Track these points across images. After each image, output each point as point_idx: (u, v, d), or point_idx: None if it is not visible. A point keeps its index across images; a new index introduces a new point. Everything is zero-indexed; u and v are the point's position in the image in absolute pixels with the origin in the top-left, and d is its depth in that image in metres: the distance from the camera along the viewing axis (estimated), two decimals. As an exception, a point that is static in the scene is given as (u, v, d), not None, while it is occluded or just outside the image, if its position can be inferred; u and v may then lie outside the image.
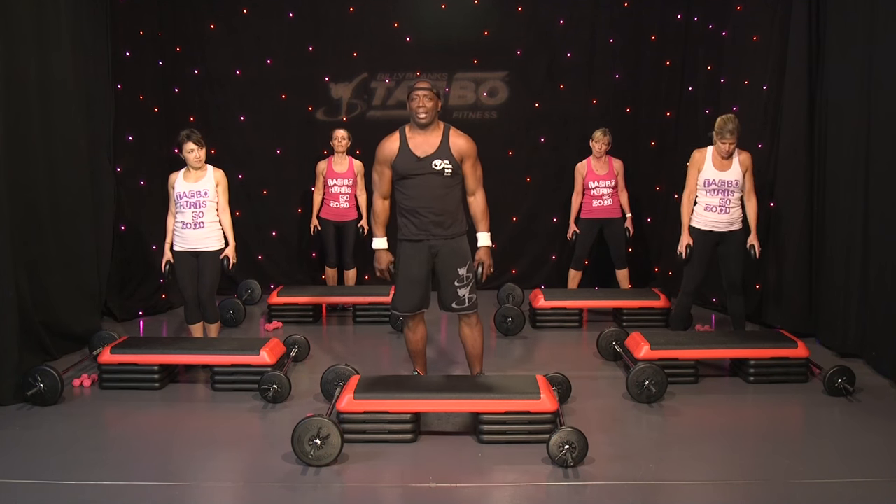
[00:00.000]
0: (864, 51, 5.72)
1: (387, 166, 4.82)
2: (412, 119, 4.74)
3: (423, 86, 4.73)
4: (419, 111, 4.68)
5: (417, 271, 4.84)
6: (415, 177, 4.73)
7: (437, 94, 4.74)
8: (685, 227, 5.97)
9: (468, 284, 4.86)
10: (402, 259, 4.88)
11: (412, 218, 4.79)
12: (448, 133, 4.77)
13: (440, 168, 4.69)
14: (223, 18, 8.21)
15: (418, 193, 4.74)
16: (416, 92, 4.71)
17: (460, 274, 4.82)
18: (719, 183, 5.82)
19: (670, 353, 5.39)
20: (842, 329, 6.01)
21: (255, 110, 8.34)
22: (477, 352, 5.04)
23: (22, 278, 5.41)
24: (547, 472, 4.06)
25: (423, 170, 4.71)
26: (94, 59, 6.77)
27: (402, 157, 4.74)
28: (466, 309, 4.89)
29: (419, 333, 5.05)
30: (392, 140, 4.81)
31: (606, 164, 7.39)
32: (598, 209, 7.39)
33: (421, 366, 5.17)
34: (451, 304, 4.88)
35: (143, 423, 4.81)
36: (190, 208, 5.66)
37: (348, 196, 7.56)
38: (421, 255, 4.82)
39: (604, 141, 7.31)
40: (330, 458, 4.09)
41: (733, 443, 4.49)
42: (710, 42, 7.77)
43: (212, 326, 5.90)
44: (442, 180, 4.72)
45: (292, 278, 8.34)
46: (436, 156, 4.70)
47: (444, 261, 4.82)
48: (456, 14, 8.33)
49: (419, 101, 4.68)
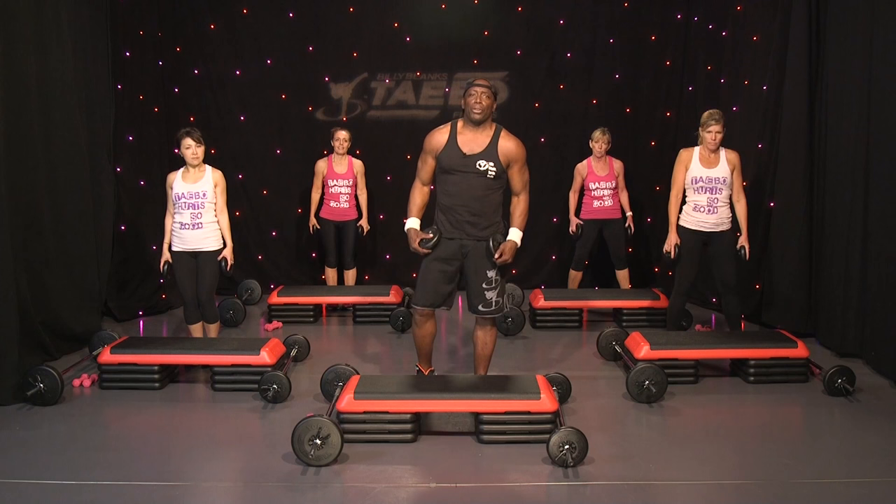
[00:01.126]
0: (864, 51, 5.72)
1: (431, 156, 4.77)
2: (466, 115, 4.69)
3: (482, 83, 4.68)
4: (475, 108, 4.62)
5: (446, 269, 4.80)
6: (457, 173, 4.68)
7: (494, 94, 4.69)
8: (672, 226, 5.97)
9: (496, 287, 4.81)
10: (434, 254, 4.80)
11: (448, 215, 4.75)
12: (499, 135, 4.72)
13: (484, 169, 4.65)
14: (223, 18, 8.22)
15: (458, 191, 4.70)
16: (475, 88, 4.64)
17: (489, 276, 4.78)
18: (706, 180, 5.81)
19: (670, 353, 5.39)
20: (841, 329, 6.01)
21: (255, 110, 8.34)
22: (486, 353, 5.01)
23: (22, 278, 5.41)
24: (547, 472, 4.06)
25: (467, 168, 4.66)
26: (94, 59, 6.77)
27: (448, 151, 4.69)
28: (492, 313, 4.84)
29: (425, 330, 4.99)
30: (442, 132, 4.77)
31: (607, 164, 7.40)
32: (598, 210, 7.40)
33: (424, 362, 5.13)
34: (478, 307, 4.84)
35: (143, 423, 4.81)
36: (188, 209, 5.66)
37: (348, 196, 7.56)
38: (452, 253, 4.78)
39: (603, 140, 7.31)
40: (330, 458, 4.09)
41: (733, 443, 4.49)
42: (710, 42, 7.78)
43: (211, 326, 5.90)
44: (484, 182, 4.68)
45: (292, 278, 8.34)
46: (482, 156, 4.66)
47: (475, 262, 4.77)
48: (456, 14, 8.33)
49: (477, 98, 4.62)
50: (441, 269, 4.81)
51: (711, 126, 5.74)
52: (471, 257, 4.78)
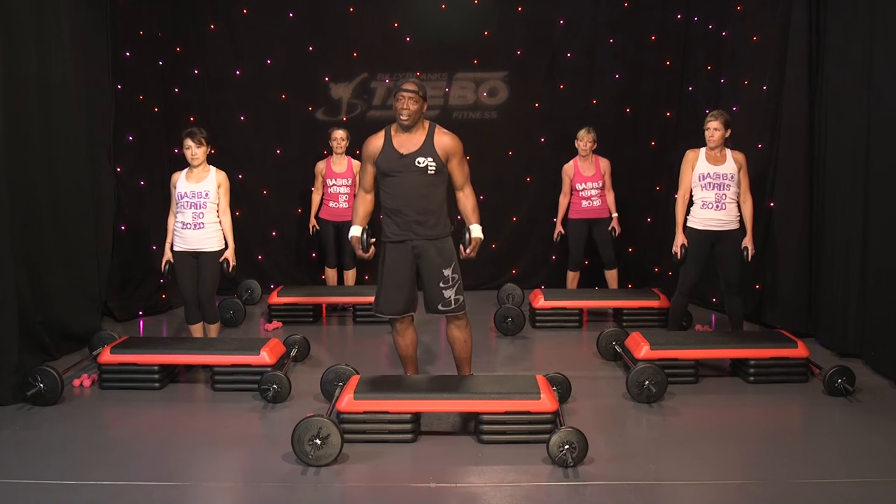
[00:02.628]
0: (864, 51, 5.71)
1: (370, 163, 4.80)
2: (396, 120, 4.71)
3: (409, 87, 4.65)
4: (402, 113, 4.63)
5: (401, 273, 4.79)
6: (397, 174, 4.68)
7: (422, 97, 4.67)
8: (679, 227, 5.95)
9: (454, 286, 4.80)
10: (386, 261, 4.81)
11: (395, 218, 4.74)
12: (433, 131, 4.72)
13: (423, 165, 4.65)
14: (223, 18, 8.22)
15: (401, 192, 4.69)
16: (401, 93, 4.64)
17: (445, 275, 4.76)
18: (714, 176, 5.80)
19: (670, 353, 5.39)
20: (841, 329, 6.01)
21: (255, 110, 8.34)
22: (465, 354, 4.99)
23: (22, 278, 5.41)
24: (547, 472, 4.06)
25: (406, 167, 4.66)
26: (94, 59, 6.77)
27: (385, 154, 4.70)
28: (453, 311, 4.84)
29: (409, 338, 4.98)
30: (377, 137, 4.80)
31: (593, 164, 7.39)
32: (586, 209, 7.41)
33: (412, 371, 5.11)
34: (437, 306, 4.82)
35: (143, 423, 4.81)
36: (190, 209, 5.66)
37: (347, 196, 7.55)
38: (404, 256, 4.77)
39: (588, 139, 7.31)
40: (330, 458, 4.09)
41: (733, 443, 4.49)
42: (710, 42, 7.77)
43: (212, 327, 5.89)
44: (425, 178, 4.67)
45: (292, 278, 8.34)
46: (419, 153, 4.66)
47: (429, 262, 4.76)
48: (456, 14, 8.33)
49: (403, 103, 4.63)
50: (398, 273, 4.79)
51: (709, 122, 5.76)
52: (424, 258, 4.77)
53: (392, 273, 4.80)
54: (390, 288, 4.81)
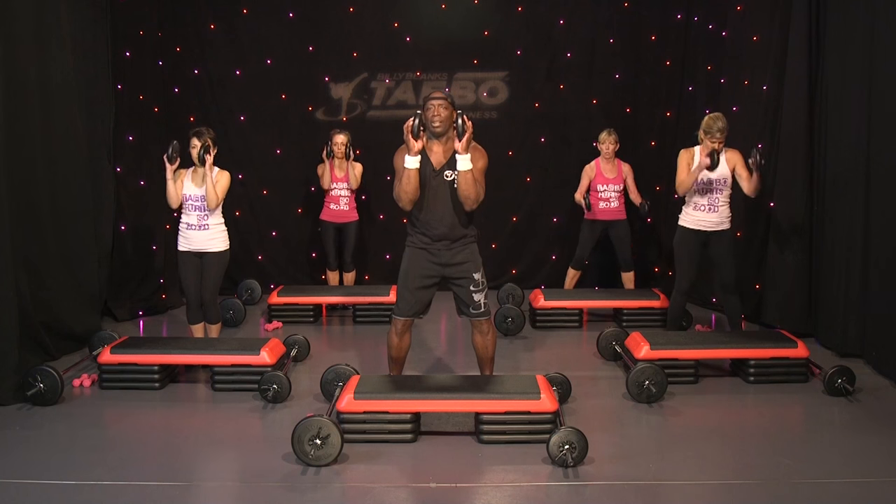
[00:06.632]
0: (864, 51, 5.72)
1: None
2: (428, 128, 4.72)
3: (438, 95, 4.73)
4: (434, 120, 4.66)
5: (423, 278, 4.82)
6: (429, 187, 4.72)
7: (451, 104, 4.73)
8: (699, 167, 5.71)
9: (483, 289, 4.86)
10: (410, 263, 4.83)
11: (426, 230, 4.77)
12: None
13: (451, 179, 4.70)
14: (223, 18, 8.22)
15: (432, 205, 4.73)
16: (431, 101, 4.69)
17: (476, 279, 4.82)
18: (707, 182, 5.81)
19: (670, 353, 5.39)
20: (842, 329, 6.01)
21: (255, 110, 8.34)
22: (488, 355, 5.01)
23: (22, 278, 5.41)
24: (547, 472, 4.06)
25: (438, 181, 4.71)
26: (94, 59, 6.77)
27: (421, 168, 4.71)
28: (482, 314, 4.88)
29: (405, 341, 4.99)
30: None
31: (615, 167, 7.38)
32: (603, 211, 7.38)
33: (397, 373, 5.09)
34: (469, 310, 4.87)
35: (143, 423, 4.81)
36: (195, 211, 5.69)
37: (348, 199, 7.56)
38: (430, 261, 4.80)
39: (610, 141, 7.30)
40: (330, 458, 4.09)
41: (733, 443, 4.49)
42: (710, 42, 7.77)
43: (213, 327, 5.89)
44: (454, 191, 4.71)
45: (292, 278, 8.34)
46: (448, 166, 4.70)
47: (459, 267, 4.80)
48: (456, 14, 8.34)
49: (434, 111, 4.66)
50: (421, 279, 4.82)
51: (716, 136, 5.64)
52: (454, 264, 4.79)
53: (418, 277, 4.81)
54: (411, 290, 4.83)
